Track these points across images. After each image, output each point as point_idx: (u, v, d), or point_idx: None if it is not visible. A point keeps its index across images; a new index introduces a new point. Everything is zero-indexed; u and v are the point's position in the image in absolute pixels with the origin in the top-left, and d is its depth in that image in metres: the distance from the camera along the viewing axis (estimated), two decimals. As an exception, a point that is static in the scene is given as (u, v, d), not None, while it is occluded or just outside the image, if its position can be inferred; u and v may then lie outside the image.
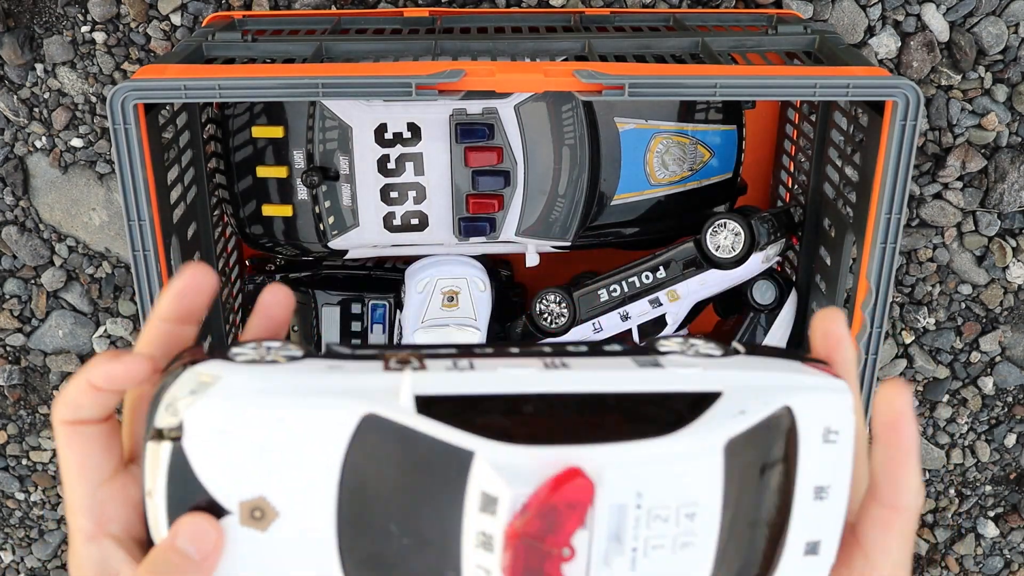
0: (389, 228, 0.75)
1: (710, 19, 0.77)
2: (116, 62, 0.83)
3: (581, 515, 0.33)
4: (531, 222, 0.75)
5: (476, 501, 0.33)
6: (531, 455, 0.33)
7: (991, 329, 0.96)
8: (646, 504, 0.34)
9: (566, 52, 0.71)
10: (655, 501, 0.35)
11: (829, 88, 0.59)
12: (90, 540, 0.33)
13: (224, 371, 0.34)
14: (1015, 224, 0.91)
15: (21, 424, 0.98)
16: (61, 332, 0.93)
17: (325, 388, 0.34)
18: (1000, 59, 0.85)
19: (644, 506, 0.34)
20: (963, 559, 1.07)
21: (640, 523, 0.35)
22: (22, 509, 1.02)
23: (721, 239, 0.74)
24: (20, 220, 0.90)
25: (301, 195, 0.75)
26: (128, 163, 0.60)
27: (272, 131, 0.73)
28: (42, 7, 0.83)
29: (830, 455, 0.37)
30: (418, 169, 0.73)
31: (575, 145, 0.73)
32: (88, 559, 0.33)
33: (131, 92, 0.58)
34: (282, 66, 0.64)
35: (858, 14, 0.82)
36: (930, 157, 0.88)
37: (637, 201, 0.77)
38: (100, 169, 0.88)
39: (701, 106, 0.77)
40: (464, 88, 0.60)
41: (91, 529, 0.34)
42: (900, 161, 0.61)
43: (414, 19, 0.77)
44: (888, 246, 0.63)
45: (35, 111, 0.85)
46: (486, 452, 0.33)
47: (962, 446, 1.01)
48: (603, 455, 0.34)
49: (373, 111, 0.72)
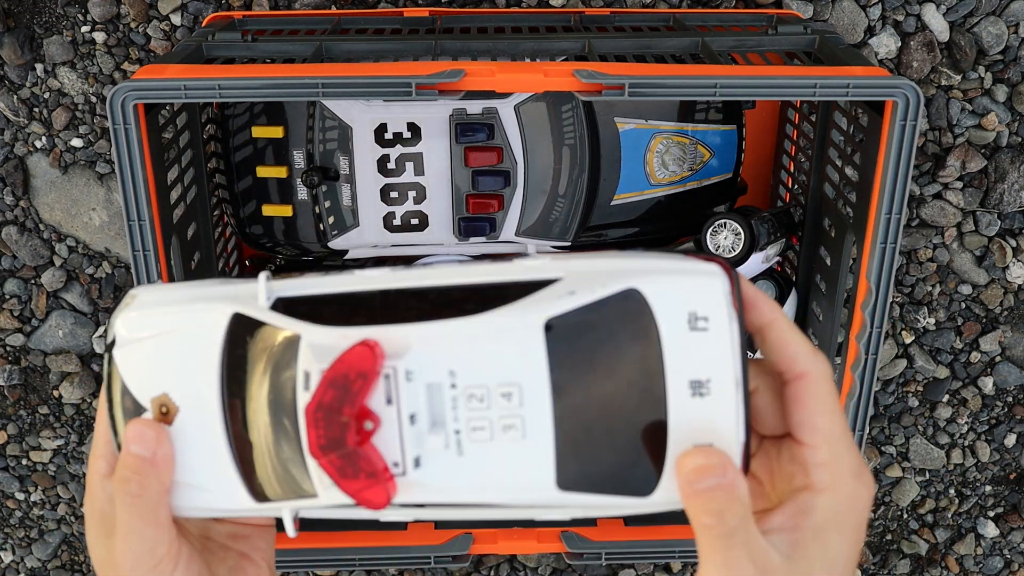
0: (389, 228, 0.75)
1: (710, 19, 0.77)
2: (116, 62, 0.83)
3: (370, 382, 0.34)
4: (531, 222, 0.75)
5: (302, 380, 0.36)
6: (341, 335, 0.35)
7: (991, 329, 0.96)
8: (461, 383, 0.35)
9: (566, 52, 0.71)
10: (470, 380, 0.35)
11: (829, 88, 0.59)
12: (105, 478, 0.39)
13: (142, 290, 0.39)
14: (1015, 224, 0.91)
15: (21, 424, 0.98)
16: (61, 332, 0.93)
17: (209, 295, 0.38)
18: (1000, 59, 0.85)
19: (459, 384, 0.35)
20: (963, 559, 1.07)
21: (458, 403, 0.35)
22: (22, 509, 1.02)
23: (721, 239, 0.74)
24: (20, 220, 0.90)
25: (301, 195, 0.75)
26: (128, 163, 0.60)
27: (272, 131, 0.73)
28: (42, 7, 0.83)
29: (702, 344, 0.34)
30: (418, 169, 0.73)
31: (575, 145, 0.73)
32: (103, 491, 0.39)
33: (131, 92, 0.58)
34: (282, 66, 0.64)
35: (858, 14, 0.82)
36: (930, 157, 0.88)
37: (637, 201, 0.77)
38: (100, 169, 0.88)
39: (701, 106, 0.77)
40: (464, 88, 0.60)
41: (106, 470, 0.39)
42: (900, 161, 0.61)
43: (414, 19, 0.77)
44: (888, 246, 0.63)
45: (35, 111, 0.85)
46: (308, 335, 0.36)
47: (962, 446, 1.01)
48: (409, 332, 0.35)
49: (373, 111, 0.72)
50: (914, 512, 1.05)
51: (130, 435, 0.38)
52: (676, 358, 0.35)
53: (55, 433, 0.98)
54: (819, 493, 0.37)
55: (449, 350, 0.35)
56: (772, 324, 0.37)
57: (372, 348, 0.35)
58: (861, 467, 0.37)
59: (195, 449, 0.38)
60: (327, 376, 0.35)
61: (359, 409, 0.35)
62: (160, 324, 0.38)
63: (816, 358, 0.38)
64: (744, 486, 0.36)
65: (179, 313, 0.38)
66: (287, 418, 0.37)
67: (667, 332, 0.34)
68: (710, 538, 0.35)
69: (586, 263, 0.35)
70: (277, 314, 0.37)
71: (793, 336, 0.37)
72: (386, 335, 0.35)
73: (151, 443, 0.37)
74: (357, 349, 0.35)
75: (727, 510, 0.35)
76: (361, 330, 0.35)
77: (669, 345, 0.34)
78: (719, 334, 0.35)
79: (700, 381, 0.35)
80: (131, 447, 0.37)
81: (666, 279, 0.34)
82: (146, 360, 0.38)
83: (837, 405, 0.38)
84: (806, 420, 0.37)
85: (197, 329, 0.37)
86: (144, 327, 0.38)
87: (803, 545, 0.37)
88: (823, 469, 0.37)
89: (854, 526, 0.37)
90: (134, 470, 0.37)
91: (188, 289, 0.38)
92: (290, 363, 0.36)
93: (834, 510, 0.37)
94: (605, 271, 0.35)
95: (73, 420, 0.97)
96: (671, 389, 0.35)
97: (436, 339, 0.35)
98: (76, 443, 0.98)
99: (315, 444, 0.35)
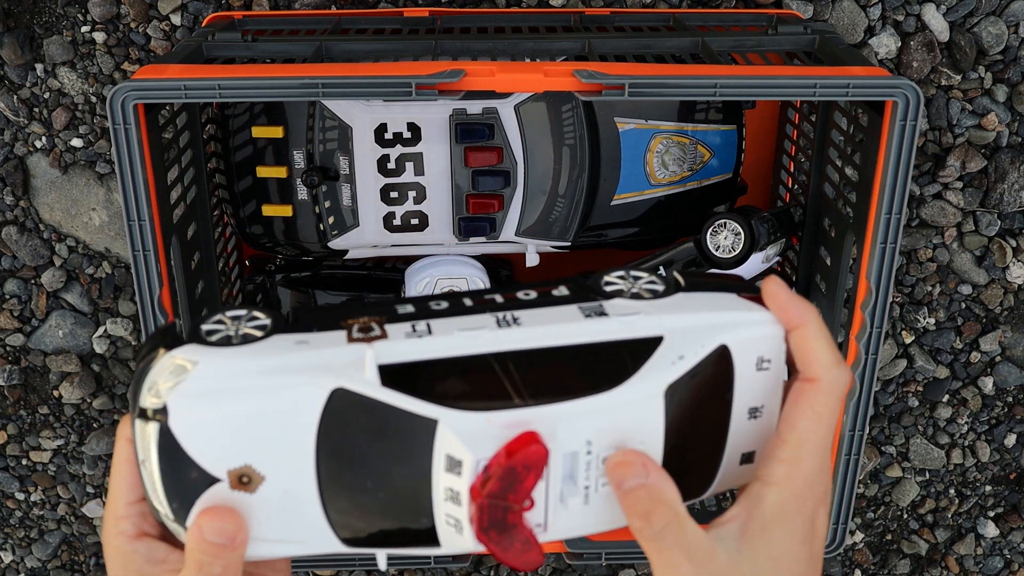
0: (389, 228, 0.75)
1: (710, 19, 0.77)
2: (116, 62, 0.83)
3: (538, 474, 0.37)
4: (531, 222, 0.75)
5: (442, 463, 0.37)
6: (488, 420, 0.36)
7: (991, 329, 0.96)
8: (595, 449, 0.38)
9: (566, 52, 0.71)
10: (603, 445, 0.38)
11: (829, 88, 0.59)
12: (133, 540, 0.39)
13: (200, 356, 0.36)
14: (1015, 224, 0.91)
15: (21, 424, 0.98)
16: (61, 332, 0.93)
17: (295, 366, 0.37)
18: (1000, 59, 0.85)
19: (594, 451, 0.38)
20: (963, 559, 1.07)
21: (591, 466, 0.38)
22: (22, 509, 1.02)
23: (721, 239, 0.74)
24: (20, 220, 0.90)
25: (301, 195, 0.75)
26: (128, 163, 0.60)
27: (272, 131, 0.73)
28: (42, 7, 0.83)
29: (763, 380, 0.40)
30: (418, 169, 0.73)
31: (575, 145, 0.73)
32: (136, 553, 0.39)
33: (131, 92, 0.58)
34: (282, 66, 0.64)
35: (858, 14, 0.82)
36: (930, 157, 0.88)
37: (637, 201, 0.77)
38: (100, 169, 0.88)
39: (701, 106, 0.77)
40: (464, 88, 0.60)
41: (132, 531, 0.39)
42: (900, 161, 0.61)
43: (414, 19, 0.77)
44: (888, 246, 0.63)
45: (35, 111, 0.85)
46: (448, 420, 0.36)
47: (962, 446, 1.01)
48: (555, 414, 0.37)
49: (373, 111, 0.72)
50: (914, 512, 1.05)
51: (207, 527, 0.37)
52: (743, 392, 0.40)
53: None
54: (769, 486, 0.38)
55: (588, 424, 0.38)
56: (800, 329, 0.40)
57: (542, 445, 0.36)
58: (817, 477, 0.39)
59: (280, 512, 0.38)
60: (495, 469, 0.36)
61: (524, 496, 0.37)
62: (236, 400, 0.36)
63: (832, 370, 0.39)
64: (671, 488, 0.38)
65: (263, 389, 0.36)
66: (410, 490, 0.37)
67: (740, 374, 0.40)
68: (642, 540, 0.37)
69: (675, 319, 0.39)
70: (393, 392, 0.36)
71: (817, 344, 0.39)
72: (534, 419, 0.37)
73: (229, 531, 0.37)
74: (529, 448, 0.36)
75: (652, 512, 0.37)
76: (506, 415, 0.36)
77: (740, 384, 0.40)
78: (776, 372, 0.40)
79: (756, 408, 0.41)
80: (209, 537, 0.37)
81: (747, 332, 0.40)
82: (220, 433, 0.37)
83: (829, 418, 0.39)
84: (790, 416, 0.39)
85: (286, 404, 0.36)
86: (211, 404, 0.36)
87: (751, 536, 0.38)
88: (780, 465, 0.39)
89: (800, 528, 0.39)
90: (215, 555, 0.37)
91: (255, 359, 0.37)
92: (421, 442, 0.37)
93: (780, 506, 0.38)
94: (698, 328, 0.39)
95: (73, 420, 0.97)
96: (735, 415, 0.40)
97: (577, 417, 0.37)
98: (76, 443, 0.98)
99: (479, 526, 0.37)
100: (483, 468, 0.36)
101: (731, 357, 0.39)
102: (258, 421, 0.36)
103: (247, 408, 0.36)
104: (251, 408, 0.36)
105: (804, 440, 0.38)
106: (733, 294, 0.41)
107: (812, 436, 0.39)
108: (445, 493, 0.37)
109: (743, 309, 0.40)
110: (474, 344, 0.37)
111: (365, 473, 0.37)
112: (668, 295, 0.41)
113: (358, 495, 0.38)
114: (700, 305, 0.40)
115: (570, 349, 0.38)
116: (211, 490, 0.37)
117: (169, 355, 0.37)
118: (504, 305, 0.40)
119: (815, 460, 0.39)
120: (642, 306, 0.40)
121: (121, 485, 0.39)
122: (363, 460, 0.37)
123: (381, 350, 0.37)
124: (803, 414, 0.39)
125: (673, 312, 0.40)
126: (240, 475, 0.37)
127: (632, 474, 0.38)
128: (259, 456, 0.37)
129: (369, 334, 0.37)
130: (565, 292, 0.41)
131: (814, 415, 0.39)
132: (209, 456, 0.37)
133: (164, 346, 0.37)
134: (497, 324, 0.38)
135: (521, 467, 0.36)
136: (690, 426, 0.40)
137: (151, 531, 0.40)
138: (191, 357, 0.36)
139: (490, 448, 0.36)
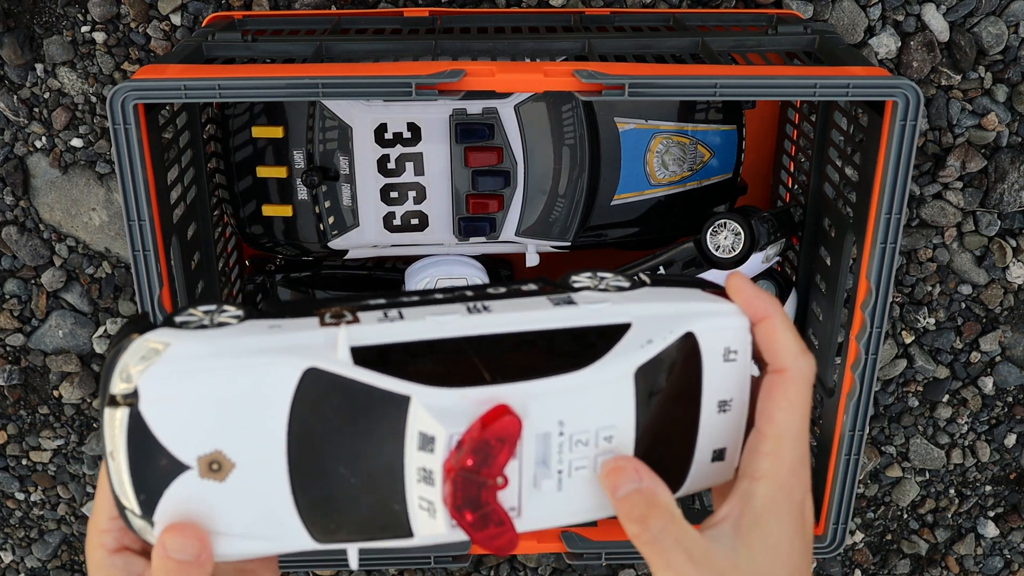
0: (389, 228, 0.75)
1: (710, 19, 0.77)
2: (116, 62, 0.83)
3: (511, 449, 0.37)
4: (531, 222, 0.75)
5: (415, 441, 0.37)
6: (462, 396, 0.36)
7: (991, 329, 0.96)
8: (568, 431, 0.38)
9: (566, 52, 0.71)
10: (576, 427, 0.38)
11: (829, 88, 0.59)
12: (112, 554, 0.39)
13: (173, 338, 0.36)
14: (1015, 224, 0.91)
15: (21, 424, 0.98)
16: (61, 332, 0.93)
17: (268, 347, 0.36)
18: (1000, 59, 0.85)
19: (566, 432, 0.38)
20: (963, 559, 1.07)
21: (564, 448, 0.38)
22: (22, 509, 1.02)
23: (721, 239, 0.74)
24: (20, 220, 0.90)
25: (301, 195, 0.75)
26: (128, 163, 0.60)
27: (272, 131, 0.73)
28: (42, 7, 0.83)
29: (730, 372, 0.41)
30: (418, 169, 0.73)
31: (575, 145, 0.73)
32: (114, 568, 0.39)
33: (131, 92, 0.58)
34: (282, 66, 0.64)
35: (858, 14, 0.82)
36: (930, 157, 0.88)
37: (637, 201, 0.77)
38: (100, 169, 0.88)
39: (701, 106, 0.77)
40: (464, 88, 0.60)
41: (113, 545, 0.39)
42: (900, 161, 0.61)
43: (414, 19, 0.77)
44: (888, 246, 0.63)
45: (35, 111, 0.85)
46: (421, 396, 0.36)
47: (962, 446, 1.01)
48: (527, 391, 0.37)
49: (373, 111, 0.72)
50: (914, 512, 1.05)
51: (170, 544, 0.36)
52: (712, 383, 0.41)
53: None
54: (757, 481, 0.39)
55: (559, 404, 0.38)
56: (765, 321, 0.40)
57: (515, 416, 0.36)
58: (801, 466, 0.40)
59: (250, 502, 0.37)
60: (469, 443, 0.36)
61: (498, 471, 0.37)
62: (208, 380, 0.36)
63: (799, 359, 0.40)
64: (664, 491, 0.38)
65: (235, 369, 0.36)
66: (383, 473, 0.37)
67: (708, 364, 0.40)
68: (641, 545, 0.38)
69: (642, 307, 0.40)
70: (365, 370, 0.36)
71: (783, 334, 0.40)
72: (506, 395, 0.37)
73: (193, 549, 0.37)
74: (502, 419, 0.36)
75: (648, 515, 0.38)
76: (479, 391, 0.37)
77: (708, 374, 0.40)
78: (743, 364, 0.41)
79: (725, 401, 0.41)
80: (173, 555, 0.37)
81: (713, 322, 0.40)
82: (190, 417, 0.36)
83: (802, 406, 0.40)
84: (766, 409, 0.40)
85: (258, 385, 0.36)
86: (182, 384, 0.36)
87: (745, 531, 0.39)
88: (765, 458, 0.39)
89: (790, 514, 0.40)
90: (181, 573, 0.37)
91: (228, 339, 0.37)
92: (394, 421, 0.37)
93: (771, 499, 0.39)
94: (665, 316, 0.40)
95: (73, 420, 0.97)
96: (704, 408, 0.41)
97: (549, 395, 0.38)
98: (76, 443, 0.98)
99: (452, 503, 0.37)
100: (456, 443, 0.36)
101: (698, 345, 0.40)
102: (229, 403, 0.36)
103: (219, 390, 0.36)
104: (223, 389, 0.36)
105: (783, 432, 0.39)
106: (698, 289, 0.42)
107: (790, 427, 0.39)
108: (418, 474, 0.37)
109: (709, 301, 0.41)
110: (445, 328, 0.38)
111: (337, 457, 0.37)
112: (634, 290, 0.42)
113: (330, 481, 0.38)
114: (667, 296, 0.41)
115: (540, 333, 0.39)
116: (180, 479, 0.36)
117: (142, 338, 0.36)
118: (474, 297, 0.41)
119: (796, 450, 0.40)
120: (610, 296, 0.41)
121: (105, 498, 0.39)
122: (335, 443, 0.37)
123: (354, 332, 0.37)
124: (778, 405, 0.39)
125: (640, 302, 0.41)
126: (210, 461, 0.36)
127: (625, 479, 0.38)
128: (230, 440, 0.36)
129: (341, 320, 0.38)
130: (534, 287, 0.42)
131: (788, 405, 0.39)
132: (179, 441, 0.36)
133: (137, 332, 0.37)
134: (468, 311, 0.39)
135: (495, 440, 0.36)
136: (661, 415, 0.40)
137: (132, 546, 0.40)
138: (164, 339, 0.36)
139: (462, 423, 0.36)
